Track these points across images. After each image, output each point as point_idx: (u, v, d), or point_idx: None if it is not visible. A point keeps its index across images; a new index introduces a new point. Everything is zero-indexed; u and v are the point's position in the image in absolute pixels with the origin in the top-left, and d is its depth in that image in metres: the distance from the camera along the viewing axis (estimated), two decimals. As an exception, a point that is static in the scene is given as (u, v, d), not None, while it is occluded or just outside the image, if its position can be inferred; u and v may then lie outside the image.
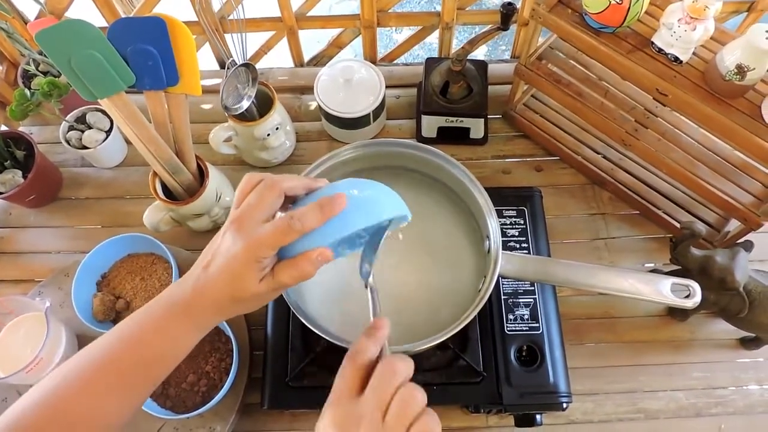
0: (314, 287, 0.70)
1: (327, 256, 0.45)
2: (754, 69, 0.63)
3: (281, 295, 0.61)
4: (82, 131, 0.90)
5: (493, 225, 0.65)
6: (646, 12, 0.71)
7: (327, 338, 0.60)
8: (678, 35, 0.66)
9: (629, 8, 0.67)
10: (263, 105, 0.86)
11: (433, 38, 1.05)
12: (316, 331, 0.60)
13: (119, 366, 0.47)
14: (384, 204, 0.48)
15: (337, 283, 0.71)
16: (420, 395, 0.41)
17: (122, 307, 0.79)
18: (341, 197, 0.44)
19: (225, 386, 0.71)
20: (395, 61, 1.08)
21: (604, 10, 0.69)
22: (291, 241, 0.44)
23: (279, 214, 0.48)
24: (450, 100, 0.90)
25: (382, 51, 1.07)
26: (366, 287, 0.50)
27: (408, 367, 0.43)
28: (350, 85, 0.89)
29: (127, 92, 0.67)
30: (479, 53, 2.09)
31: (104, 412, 0.47)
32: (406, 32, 1.05)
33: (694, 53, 0.70)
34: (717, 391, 0.78)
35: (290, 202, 0.49)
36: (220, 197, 0.82)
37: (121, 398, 0.47)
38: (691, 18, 0.65)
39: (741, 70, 0.63)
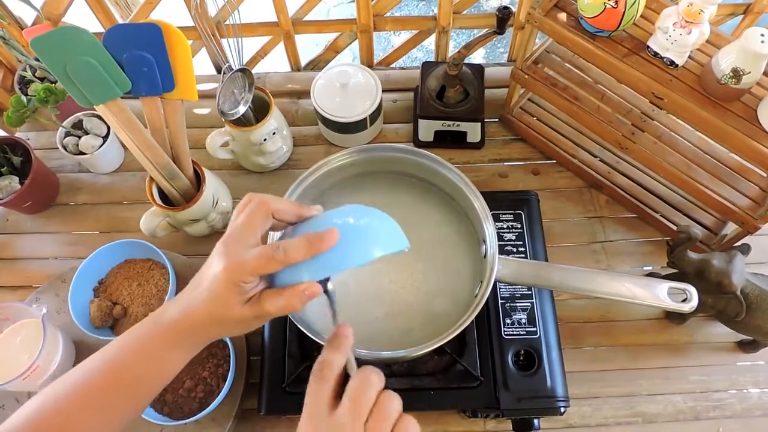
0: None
1: (314, 292, 0.44)
2: (749, 73, 0.63)
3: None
4: (79, 137, 0.90)
5: (490, 229, 0.65)
6: (641, 16, 0.71)
7: (324, 344, 0.59)
8: (673, 39, 0.66)
9: (624, 12, 0.68)
10: (260, 110, 0.86)
11: (432, 40, 1.05)
12: (313, 337, 0.60)
13: (100, 386, 0.46)
14: (380, 237, 0.46)
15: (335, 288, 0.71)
16: (397, 401, 0.42)
17: (119, 313, 0.79)
18: (332, 234, 0.43)
19: (222, 392, 0.71)
20: (392, 65, 1.09)
21: (600, 14, 0.69)
22: (273, 270, 0.43)
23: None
24: (446, 104, 0.90)
25: (381, 53, 1.07)
26: (324, 292, 0.47)
27: (381, 378, 0.43)
28: (347, 89, 0.89)
29: (123, 98, 0.67)
30: (477, 54, 2.09)
31: (85, 430, 0.46)
32: (405, 35, 1.05)
33: (689, 57, 0.70)
34: (715, 394, 0.78)
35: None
36: (216, 202, 0.82)
37: (101, 418, 0.47)
38: (687, 22, 0.65)
39: (737, 74, 0.63)
